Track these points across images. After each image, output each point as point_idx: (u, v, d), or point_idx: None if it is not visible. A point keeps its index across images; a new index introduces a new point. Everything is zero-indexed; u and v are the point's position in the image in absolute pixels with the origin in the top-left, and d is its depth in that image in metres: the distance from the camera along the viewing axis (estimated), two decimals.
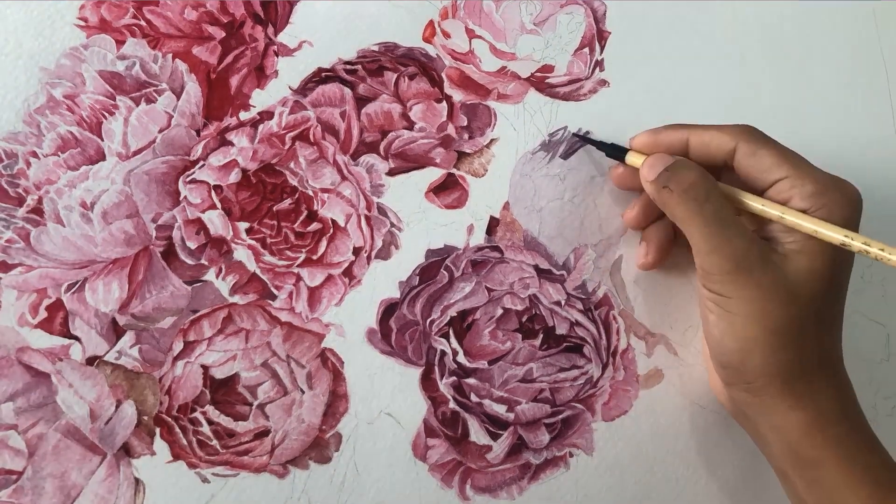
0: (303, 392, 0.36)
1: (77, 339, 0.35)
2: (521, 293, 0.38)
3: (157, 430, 0.35)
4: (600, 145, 0.39)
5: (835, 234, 0.31)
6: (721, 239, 0.32)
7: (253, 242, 0.37)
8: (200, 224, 0.37)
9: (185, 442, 0.35)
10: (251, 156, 0.38)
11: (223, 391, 0.36)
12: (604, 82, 0.41)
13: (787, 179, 0.33)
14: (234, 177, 0.37)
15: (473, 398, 0.37)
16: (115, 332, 0.35)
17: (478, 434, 0.37)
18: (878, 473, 0.32)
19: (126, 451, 0.35)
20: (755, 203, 0.34)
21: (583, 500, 0.37)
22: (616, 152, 0.38)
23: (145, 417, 0.35)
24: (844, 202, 0.33)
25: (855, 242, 0.31)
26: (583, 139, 0.40)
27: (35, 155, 0.36)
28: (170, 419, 0.35)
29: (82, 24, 0.38)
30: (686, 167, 0.34)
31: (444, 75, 0.40)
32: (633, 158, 0.37)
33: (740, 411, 0.35)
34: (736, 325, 0.32)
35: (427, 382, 0.37)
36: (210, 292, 0.36)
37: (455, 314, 0.38)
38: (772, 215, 0.33)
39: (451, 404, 0.37)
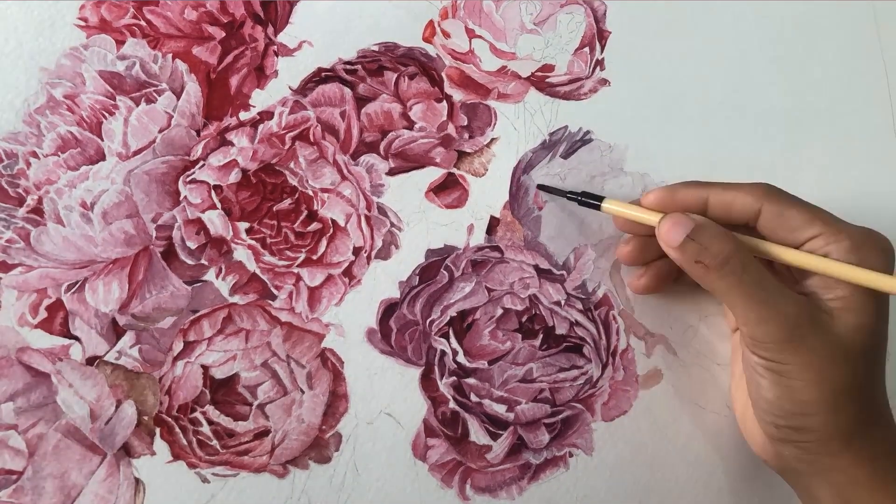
0: (303, 392, 0.36)
1: (77, 339, 0.35)
2: (521, 293, 0.38)
3: (157, 430, 0.35)
4: (569, 195, 0.37)
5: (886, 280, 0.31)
6: (769, 307, 0.31)
7: (253, 242, 0.37)
8: (200, 224, 0.37)
9: (185, 442, 0.35)
10: (251, 156, 0.38)
11: (223, 391, 0.36)
12: (604, 81, 0.41)
13: (822, 236, 0.32)
14: (234, 177, 0.37)
15: (473, 398, 0.37)
16: (115, 332, 0.35)
17: (478, 434, 0.37)
18: None
19: (126, 451, 0.35)
20: (799, 258, 0.32)
21: (582, 499, 0.37)
22: (589, 200, 0.36)
23: (145, 417, 0.35)
24: (880, 254, 0.32)
25: None
26: (549, 190, 0.38)
27: (35, 155, 0.36)
28: (170, 419, 0.35)
29: (82, 24, 0.38)
30: (717, 237, 0.32)
31: (444, 75, 0.40)
32: (610, 206, 0.36)
33: (790, 468, 0.34)
34: (794, 389, 0.31)
35: (427, 382, 0.37)
36: (210, 292, 0.36)
37: (455, 314, 0.38)
38: (817, 269, 0.32)
39: (451, 404, 0.37)
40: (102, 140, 0.37)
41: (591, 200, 0.36)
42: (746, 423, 0.36)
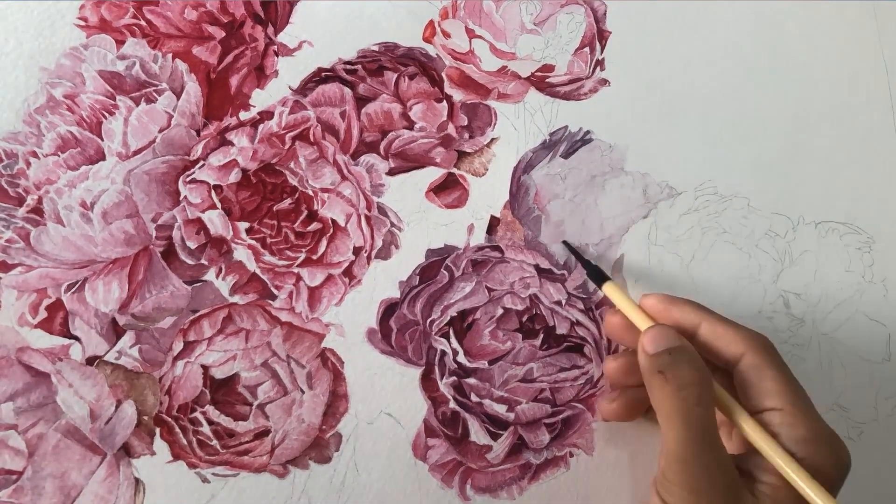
0: (303, 392, 0.36)
1: (77, 338, 0.35)
2: (522, 293, 0.38)
3: (157, 430, 0.35)
4: (586, 263, 0.37)
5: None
6: (698, 456, 0.29)
7: (253, 242, 0.37)
8: (200, 224, 0.37)
9: (185, 442, 0.35)
10: (251, 156, 0.38)
11: (223, 391, 0.36)
12: (604, 82, 0.41)
13: (780, 413, 0.30)
14: (234, 177, 0.37)
15: (473, 398, 0.37)
16: (115, 331, 0.35)
17: (478, 434, 0.37)
18: None
19: (126, 451, 0.35)
20: (748, 427, 0.31)
21: (583, 499, 0.37)
22: (596, 276, 0.37)
23: (145, 417, 0.35)
24: (833, 461, 0.30)
25: None
26: (571, 250, 0.38)
27: (35, 155, 0.36)
28: (170, 419, 0.35)
29: (82, 23, 0.38)
30: (690, 363, 0.31)
31: (444, 75, 0.40)
32: (609, 290, 0.36)
33: None
34: None
35: (427, 382, 0.37)
36: (210, 292, 0.36)
37: (455, 314, 0.38)
38: (759, 447, 0.30)
39: (452, 404, 0.37)
40: (102, 140, 0.37)
41: (597, 275, 0.37)
42: None
